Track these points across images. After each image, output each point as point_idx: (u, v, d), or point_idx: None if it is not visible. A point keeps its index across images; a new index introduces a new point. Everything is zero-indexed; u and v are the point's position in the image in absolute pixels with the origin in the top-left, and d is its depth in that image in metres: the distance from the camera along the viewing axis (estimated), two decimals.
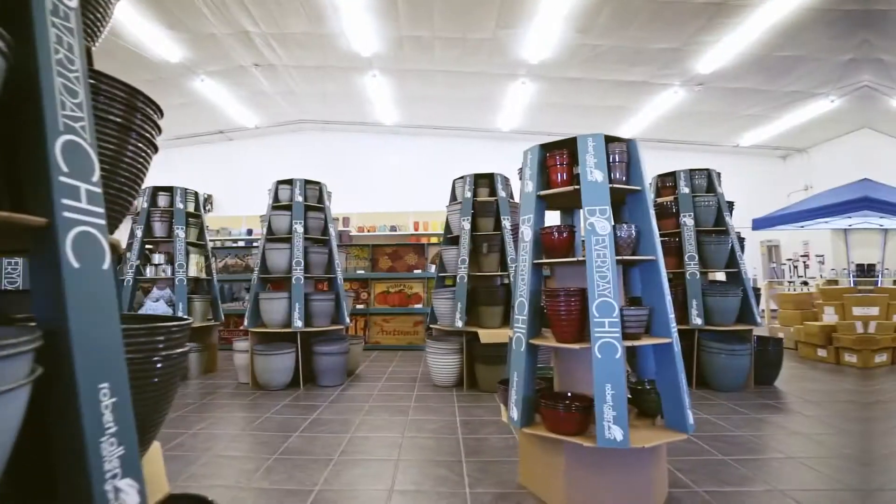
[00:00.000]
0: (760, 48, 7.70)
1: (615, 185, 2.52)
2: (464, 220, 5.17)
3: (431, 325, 5.40)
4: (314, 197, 5.51)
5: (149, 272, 5.50)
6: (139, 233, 5.56)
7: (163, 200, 5.68)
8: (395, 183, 11.66)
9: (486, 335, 4.74)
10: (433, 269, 7.46)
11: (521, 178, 2.96)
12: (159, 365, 1.27)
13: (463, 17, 7.24)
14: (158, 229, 5.63)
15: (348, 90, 9.83)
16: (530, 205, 2.75)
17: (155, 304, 5.39)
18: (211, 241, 10.68)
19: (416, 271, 8.12)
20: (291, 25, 7.60)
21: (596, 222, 2.44)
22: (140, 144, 1.36)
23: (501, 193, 5.23)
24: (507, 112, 10.54)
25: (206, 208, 11.41)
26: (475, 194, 5.28)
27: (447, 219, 5.55)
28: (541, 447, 2.54)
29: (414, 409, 4.28)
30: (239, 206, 11.55)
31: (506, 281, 5.32)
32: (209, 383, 5.44)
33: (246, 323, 5.18)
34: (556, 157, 2.67)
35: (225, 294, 8.21)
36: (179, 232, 5.57)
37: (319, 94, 10.09)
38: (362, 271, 8.20)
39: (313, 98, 10.33)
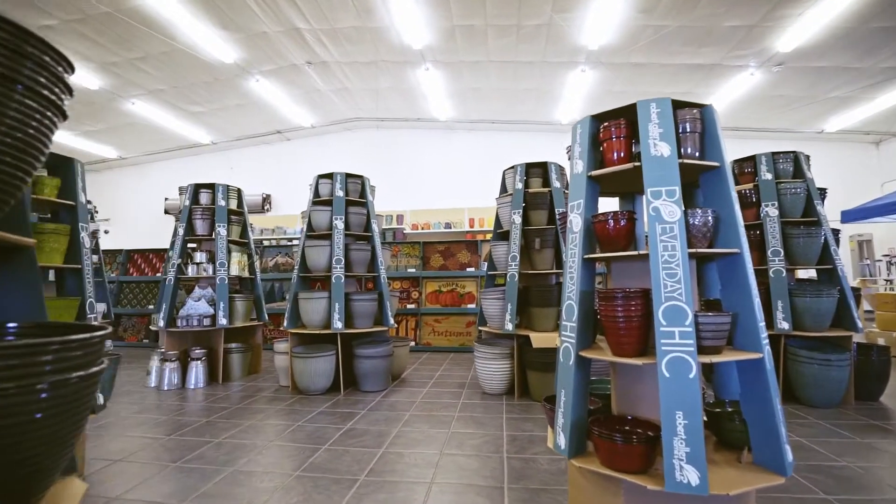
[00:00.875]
0: (850, 20, 6.74)
1: (686, 161, 2.00)
2: (514, 213, 4.69)
3: (481, 328, 4.94)
4: (356, 191, 5.18)
5: (191, 271, 5.35)
6: (181, 231, 5.43)
7: (204, 198, 5.53)
8: (449, 179, 11.28)
9: (539, 339, 4.25)
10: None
11: (569, 158, 2.47)
12: (45, 395, 0.91)
13: (517, 3, 6.75)
14: (200, 227, 5.48)
15: (401, 85, 9.53)
16: (580, 188, 2.26)
17: (196, 304, 5.24)
18: (266, 239, 10.78)
19: (469, 269, 7.69)
20: (341, 20, 7.36)
21: (662, 207, 1.93)
22: (31, 101, 1.00)
23: (556, 184, 4.72)
24: (566, 103, 9.93)
25: (265, 208, 11.47)
26: (527, 185, 4.79)
27: (497, 213, 5.09)
28: (594, 483, 2.05)
29: (457, 421, 3.86)
30: (295, 204, 11.54)
31: (561, 279, 4.81)
32: (250, 385, 5.23)
33: (285, 324, 4.93)
34: (612, 130, 2.17)
35: (275, 293, 8.09)
36: (221, 230, 5.39)
37: (372, 90, 9.85)
38: (413, 269, 7.85)
39: (367, 95, 10.11)
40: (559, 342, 2.27)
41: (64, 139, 11.37)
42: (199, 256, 5.38)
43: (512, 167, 4.90)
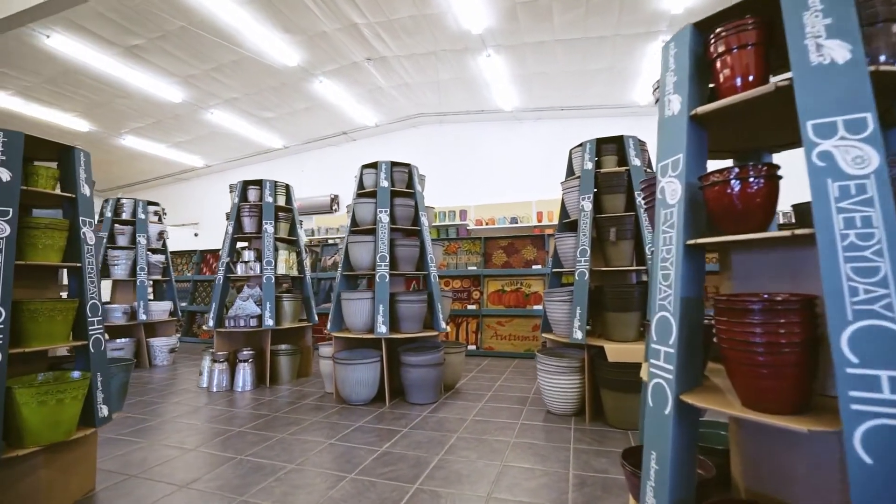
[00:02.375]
0: None
1: (883, 69, 1.07)
2: (583, 198, 3.75)
3: (544, 335, 4.02)
4: (402, 181, 4.45)
5: (240, 270, 4.85)
6: (230, 229, 4.94)
7: (252, 195, 5.02)
8: (516, 172, 10.30)
9: (615, 352, 3.32)
10: None
11: (657, 100, 1.58)
12: None
13: None
14: (248, 224, 4.97)
15: (463, 75, 8.71)
16: (678, 137, 1.37)
17: (244, 304, 4.74)
18: (331, 238, 10.37)
19: (535, 267, 6.74)
20: (397, 10, 6.75)
21: (838, 151, 1.03)
22: None
23: (634, 161, 3.73)
24: (645, 82, 8.50)
25: (333, 208, 11.12)
26: (598, 165, 3.85)
27: (562, 199, 4.16)
28: None
29: (513, 450, 3.02)
30: None
31: (644, 278, 3.86)
32: (295, 391, 4.63)
33: (329, 326, 4.29)
34: (731, 38, 1.27)
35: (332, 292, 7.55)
36: (268, 227, 4.85)
37: (433, 83, 9.11)
38: (474, 267, 7.02)
39: (428, 88, 9.40)
40: (647, 375, 1.40)
41: (159, 151, 11.63)
42: (248, 255, 4.88)
43: (580, 145, 3.97)
